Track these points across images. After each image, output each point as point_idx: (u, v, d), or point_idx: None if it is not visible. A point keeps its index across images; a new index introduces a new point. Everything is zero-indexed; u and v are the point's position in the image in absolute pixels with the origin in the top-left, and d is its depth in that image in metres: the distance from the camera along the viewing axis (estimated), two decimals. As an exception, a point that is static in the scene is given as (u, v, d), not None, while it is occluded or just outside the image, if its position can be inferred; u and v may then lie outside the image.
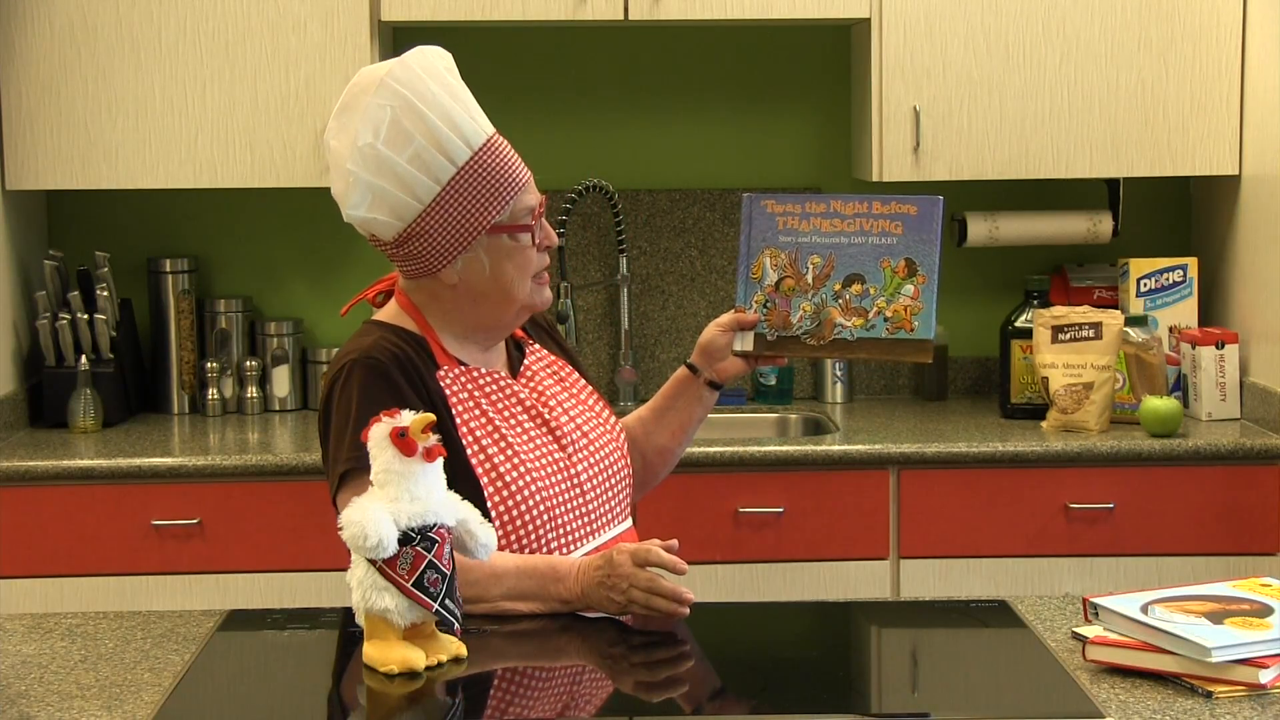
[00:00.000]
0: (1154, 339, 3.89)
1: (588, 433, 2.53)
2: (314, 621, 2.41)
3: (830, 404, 4.25)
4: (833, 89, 4.30)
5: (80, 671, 2.21)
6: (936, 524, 3.70)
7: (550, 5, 3.90)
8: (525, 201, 2.45)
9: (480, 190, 2.40)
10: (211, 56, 3.89)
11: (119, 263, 4.17)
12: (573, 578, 2.33)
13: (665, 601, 2.27)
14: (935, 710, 2.08)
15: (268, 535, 3.66)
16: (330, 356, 4.20)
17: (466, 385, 2.46)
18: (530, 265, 2.47)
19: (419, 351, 2.44)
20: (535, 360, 2.59)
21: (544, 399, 2.53)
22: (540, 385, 2.55)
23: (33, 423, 4.03)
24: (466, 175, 2.39)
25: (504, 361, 2.56)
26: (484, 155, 2.41)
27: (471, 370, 2.48)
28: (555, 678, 2.19)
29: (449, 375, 2.45)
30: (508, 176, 2.42)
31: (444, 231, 2.41)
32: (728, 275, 4.31)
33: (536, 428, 2.48)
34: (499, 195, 2.41)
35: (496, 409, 2.47)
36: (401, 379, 2.39)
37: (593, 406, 2.59)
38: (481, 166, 2.40)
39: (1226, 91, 3.94)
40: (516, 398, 2.50)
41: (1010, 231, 4.15)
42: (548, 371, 2.59)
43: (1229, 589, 2.23)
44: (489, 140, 2.42)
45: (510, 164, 2.43)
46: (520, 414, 2.49)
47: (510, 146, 2.46)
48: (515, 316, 2.51)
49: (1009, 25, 3.93)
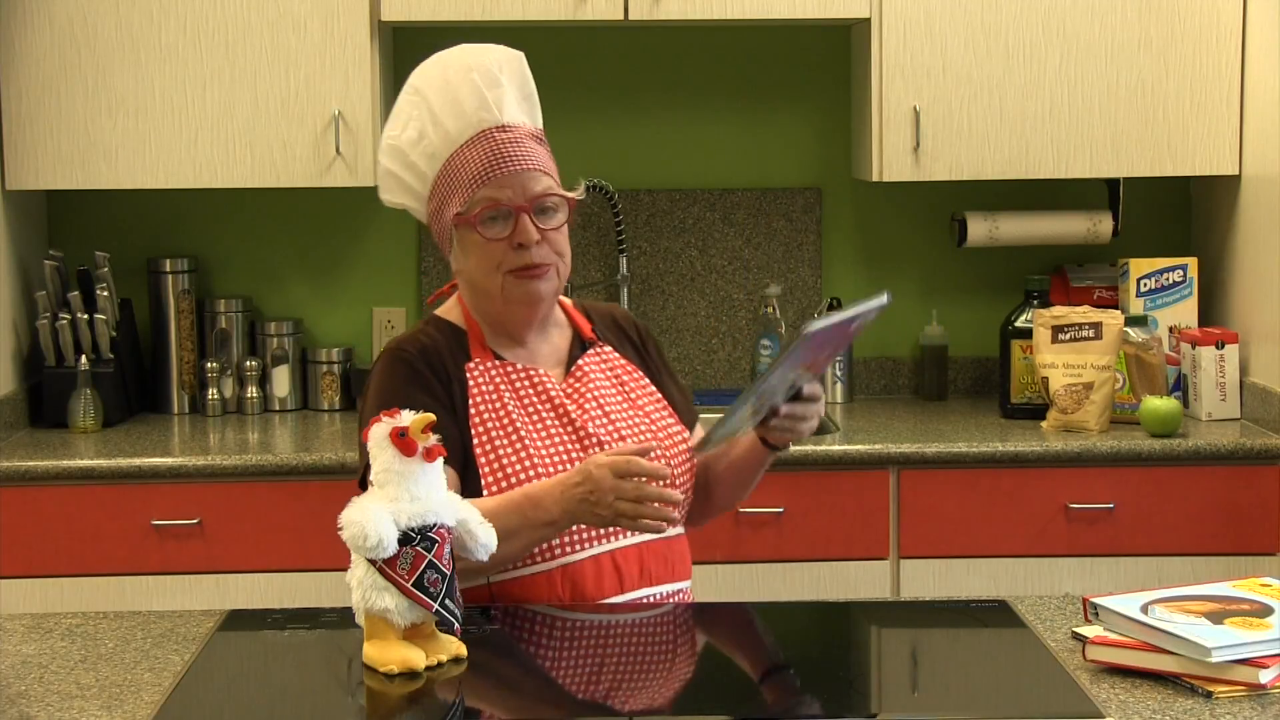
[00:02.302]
0: (1154, 339, 3.89)
1: (626, 438, 2.50)
2: (314, 621, 2.41)
3: (830, 404, 4.24)
4: (833, 89, 4.30)
5: (80, 671, 2.21)
6: (936, 524, 3.70)
7: (550, 5, 3.90)
8: (485, 193, 2.45)
9: (452, 182, 2.48)
10: (211, 56, 3.89)
11: (119, 263, 4.17)
12: (552, 499, 2.32)
13: (655, 509, 2.28)
14: (935, 710, 2.08)
15: (268, 535, 3.66)
16: (329, 356, 4.21)
17: (494, 378, 2.49)
18: (494, 258, 2.47)
19: (454, 343, 2.51)
20: (595, 361, 2.58)
21: (583, 399, 2.52)
22: (587, 386, 2.54)
23: (33, 423, 4.03)
24: (448, 166, 2.48)
25: (557, 359, 2.57)
26: (467, 149, 2.47)
27: (505, 364, 2.51)
28: (555, 678, 2.19)
29: (479, 368, 2.49)
30: (476, 169, 2.46)
31: (434, 221, 2.54)
32: (728, 275, 4.31)
33: (561, 426, 2.48)
34: (463, 187, 2.47)
35: (520, 404, 2.48)
36: (425, 369, 2.47)
37: (649, 415, 2.56)
38: (461, 159, 2.47)
39: (1226, 91, 3.94)
40: (546, 394, 2.50)
41: (1010, 231, 4.15)
42: (606, 374, 2.58)
43: (1229, 589, 2.23)
44: (480, 133, 2.47)
45: (487, 158, 2.46)
46: (546, 411, 2.49)
47: (512, 143, 2.47)
48: (508, 310, 2.51)
49: (1009, 25, 3.93)
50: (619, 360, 2.61)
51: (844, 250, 4.35)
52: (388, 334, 4.29)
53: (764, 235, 4.31)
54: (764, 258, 4.31)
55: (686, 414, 2.65)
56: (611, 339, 2.64)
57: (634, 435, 2.51)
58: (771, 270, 4.31)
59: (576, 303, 2.69)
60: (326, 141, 3.90)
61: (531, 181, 2.47)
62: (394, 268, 4.31)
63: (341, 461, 3.64)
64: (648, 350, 2.68)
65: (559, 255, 2.51)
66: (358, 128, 3.90)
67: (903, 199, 4.31)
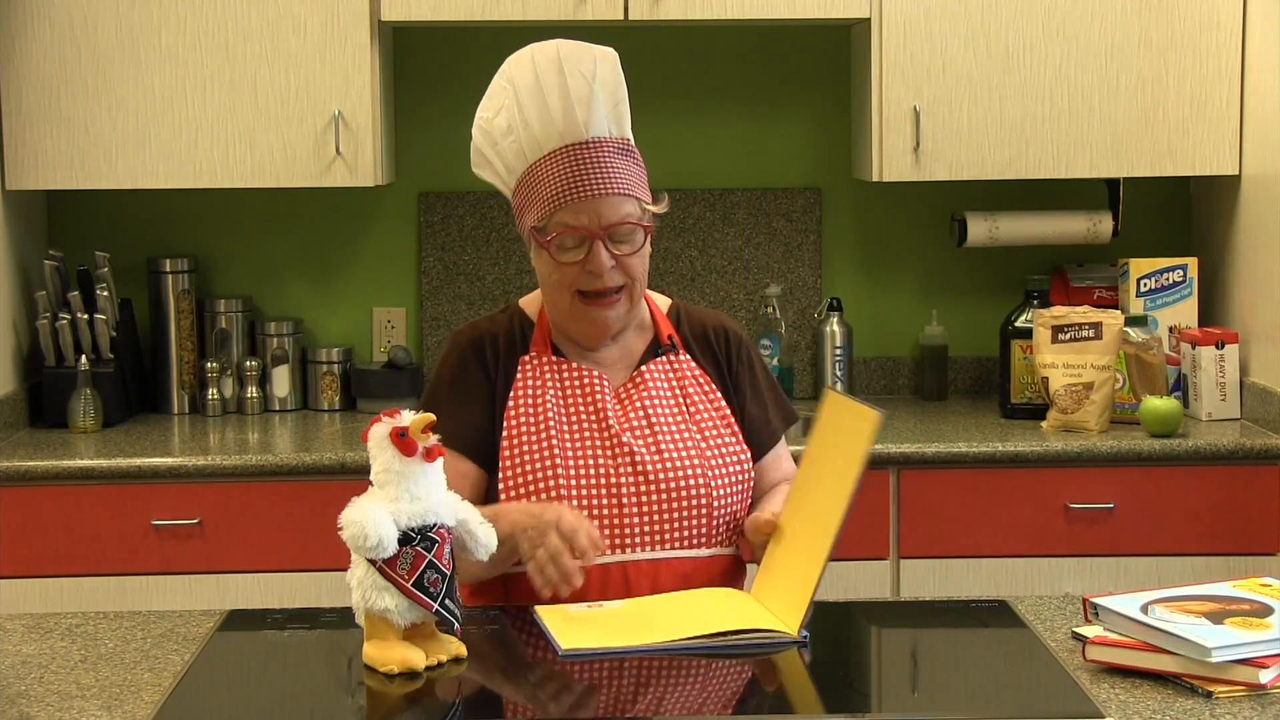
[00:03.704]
0: (1154, 339, 3.89)
1: (663, 450, 2.48)
2: (314, 621, 2.41)
3: (830, 404, 4.24)
4: (833, 89, 4.30)
5: (80, 671, 2.21)
6: (936, 524, 3.70)
7: (550, 5, 3.90)
8: (561, 217, 2.44)
9: (531, 192, 2.47)
10: (211, 56, 3.89)
11: (119, 263, 4.17)
12: (510, 518, 2.32)
13: (549, 574, 2.26)
14: (935, 710, 2.08)
15: (268, 535, 3.66)
16: (329, 356, 4.21)
17: (545, 374, 2.50)
18: (566, 278, 2.46)
19: (518, 334, 2.54)
20: (662, 368, 2.56)
21: (632, 407, 2.51)
22: (643, 393, 2.52)
23: (33, 423, 4.03)
24: (530, 174, 2.47)
25: (628, 361, 2.56)
26: (550, 161, 2.45)
27: (561, 362, 2.52)
28: (555, 678, 2.19)
29: (533, 362, 2.51)
30: (555, 189, 2.43)
31: (516, 217, 2.54)
32: (727, 275, 4.31)
33: (596, 433, 2.48)
34: (541, 202, 2.45)
35: (562, 405, 2.49)
36: (473, 363, 2.52)
37: (704, 430, 2.52)
38: (542, 171, 2.45)
39: (1226, 91, 3.94)
40: (593, 399, 2.49)
41: (1010, 231, 4.15)
42: (672, 384, 2.55)
43: (1229, 589, 2.23)
44: (564, 148, 2.44)
45: (567, 179, 2.43)
46: (587, 415, 2.49)
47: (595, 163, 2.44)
48: (576, 327, 2.50)
49: (1009, 25, 3.93)
50: (692, 370, 2.57)
51: (844, 250, 4.35)
52: (388, 334, 4.30)
53: (764, 235, 4.31)
54: (764, 258, 4.31)
55: (764, 436, 2.60)
56: (694, 347, 2.60)
57: (674, 449, 2.49)
58: (771, 270, 4.31)
59: (675, 304, 2.66)
60: (326, 141, 3.90)
61: (609, 208, 2.44)
62: (394, 268, 4.31)
63: (341, 461, 3.64)
64: (732, 365, 2.61)
65: (632, 279, 2.48)
66: (358, 128, 3.90)
67: (903, 199, 4.31)
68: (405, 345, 4.25)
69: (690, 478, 2.47)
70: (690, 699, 2.14)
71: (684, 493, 2.47)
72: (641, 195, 2.49)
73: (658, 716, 2.04)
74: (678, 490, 2.47)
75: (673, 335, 2.59)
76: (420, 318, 4.30)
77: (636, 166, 2.51)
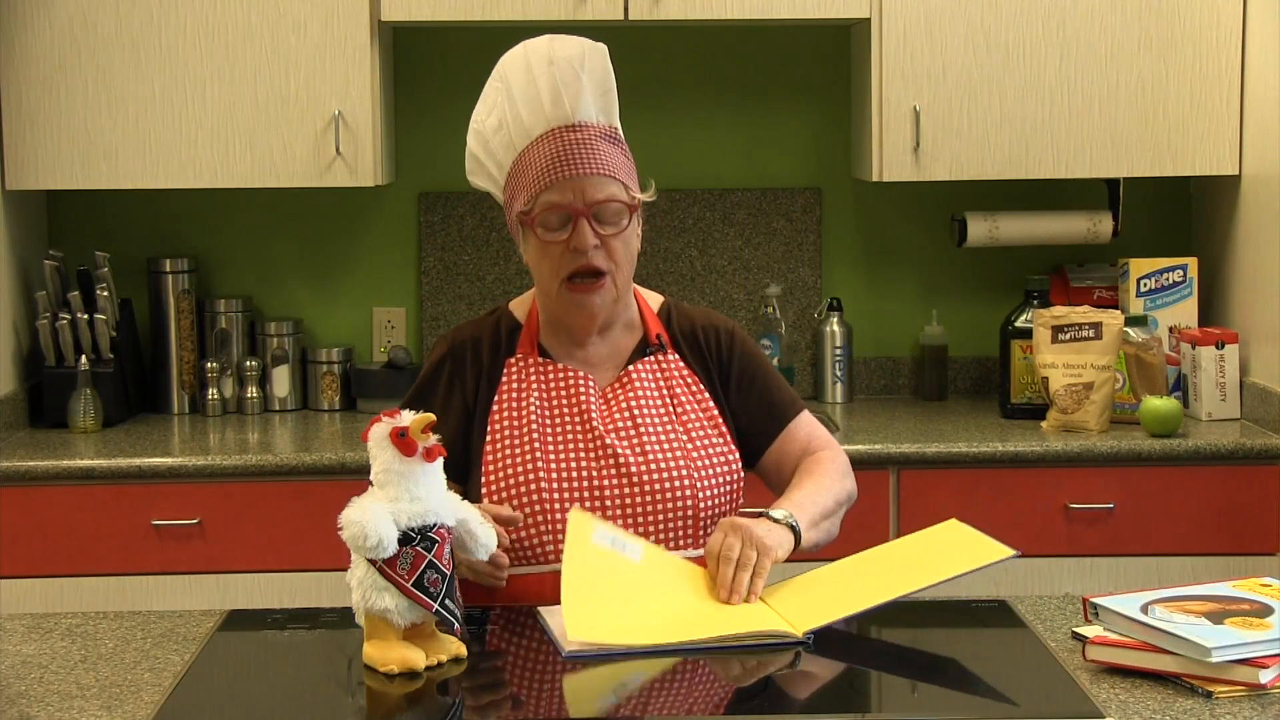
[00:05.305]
0: (1154, 339, 3.89)
1: (648, 452, 2.48)
2: (314, 621, 2.41)
3: (830, 404, 4.24)
4: (833, 89, 4.30)
5: (80, 671, 2.21)
6: (936, 524, 3.69)
7: (550, 5, 3.90)
8: (547, 196, 2.46)
9: (519, 178, 2.49)
10: (211, 56, 3.89)
11: (119, 263, 4.17)
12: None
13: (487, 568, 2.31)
14: (935, 710, 2.08)
15: (268, 535, 3.66)
16: (329, 356, 4.21)
17: (531, 376, 2.51)
18: (552, 261, 2.47)
19: (505, 336, 2.55)
20: (651, 369, 2.56)
21: (617, 408, 2.51)
22: (631, 393, 2.53)
23: (33, 423, 4.03)
24: (519, 161, 2.49)
25: (615, 361, 2.56)
26: (537, 145, 2.47)
27: (547, 364, 2.52)
28: (555, 678, 2.19)
29: (519, 364, 2.53)
30: (540, 169, 2.46)
31: (506, 212, 2.56)
32: (727, 275, 4.31)
33: (581, 436, 2.48)
34: (528, 185, 2.47)
35: (548, 405, 2.49)
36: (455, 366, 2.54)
37: (690, 431, 2.52)
38: (530, 156, 2.48)
39: (1226, 91, 3.94)
40: (577, 401, 2.50)
41: (1010, 231, 4.15)
42: (660, 384, 2.55)
43: (1229, 589, 2.23)
44: (550, 131, 2.47)
45: (552, 158, 2.46)
46: (571, 418, 2.49)
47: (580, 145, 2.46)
48: (566, 315, 2.51)
49: (1009, 25, 3.93)
50: (680, 370, 2.57)
51: (844, 250, 4.35)
52: (388, 334, 4.30)
53: (764, 235, 4.31)
54: (764, 258, 4.31)
55: (757, 437, 2.59)
56: (684, 347, 2.60)
57: (659, 451, 2.49)
58: (771, 270, 4.31)
59: (667, 302, 2.66)
60: (326, 141, 3.90)
61: (594, 187, 2.46)
62: (394, 268, 4.31)
63: (341, 461, 3.64)
64: (723, 363, 2.60)
65: (616, 265, 2.49)
66: (358, 128, 3.90)
67: (903, 199, 4.31)
68: (405, 345, 4.25)
69: (674, 479, 2.47)
70: (690, 699, 2.14)
71: (668, 494, 2.47)
72: (627, 180, 2.51)
73: (658, 716, 2.04)
74: (661, 491, 2.47)
75: (661, 335, 2.60)
76: (420, 318, 4.30)
77: (623, 154, 2.53)
